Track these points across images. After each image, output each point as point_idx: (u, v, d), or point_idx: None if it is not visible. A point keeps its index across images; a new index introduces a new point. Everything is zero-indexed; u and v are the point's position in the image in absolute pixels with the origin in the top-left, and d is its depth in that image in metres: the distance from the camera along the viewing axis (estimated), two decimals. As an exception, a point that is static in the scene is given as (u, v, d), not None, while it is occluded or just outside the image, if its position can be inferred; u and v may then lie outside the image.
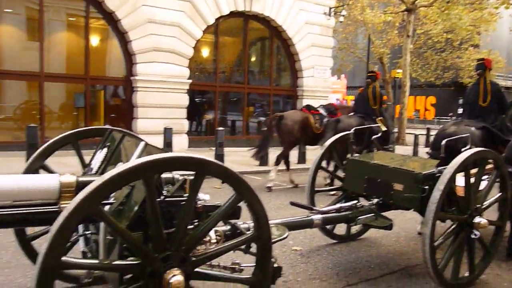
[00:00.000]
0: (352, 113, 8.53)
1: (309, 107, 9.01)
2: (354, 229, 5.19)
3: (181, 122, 13.09)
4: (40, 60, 11.71)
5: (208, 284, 3.46)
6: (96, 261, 2.23)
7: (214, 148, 9.94)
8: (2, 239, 4.47)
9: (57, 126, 12.82)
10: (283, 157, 8.59)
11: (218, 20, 13.97)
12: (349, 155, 4.88)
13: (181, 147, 12.36)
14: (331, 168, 6.98)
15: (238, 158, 10.87)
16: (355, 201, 4.33)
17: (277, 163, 8.51)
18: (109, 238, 2.48)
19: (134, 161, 2.06)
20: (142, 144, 2.72)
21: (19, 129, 12.28)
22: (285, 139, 8.52)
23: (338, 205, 4.20)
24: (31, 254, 3.41)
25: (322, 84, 16.61)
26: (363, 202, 4.45)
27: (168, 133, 9.70)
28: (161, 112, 12.57)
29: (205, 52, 15.07)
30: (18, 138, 11.90)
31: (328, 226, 4.86)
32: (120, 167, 2.04)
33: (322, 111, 8.86)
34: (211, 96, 15.42)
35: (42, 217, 2.64)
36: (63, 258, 1.99)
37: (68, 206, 1.97)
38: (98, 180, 2.00)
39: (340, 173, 5.00)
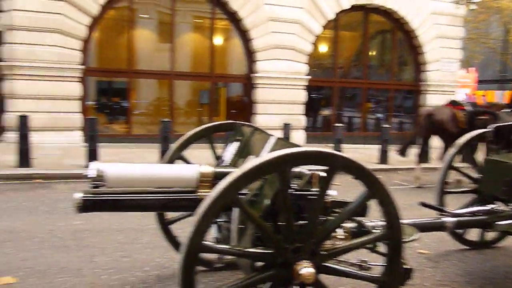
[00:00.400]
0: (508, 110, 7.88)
1: (454, 103, 8.55)
2: (489, 235, 4.75)
3: (299, 118, 13.22)
4: (171, 60, 12.73)
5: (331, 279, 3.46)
6: (233, 247, 2.36)
7: (331, 145, 9.87)
8: (142, 222, 4.96)
9: (183, 121, 13.82)
10: (423, 152, 8.31)
11: (338, 14, 13.79)
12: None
13: (298, 142, 12.48)
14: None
15: (355, 155, 10.63)
16: (492, 205, 3.96)
17: (423, 160, 8.27)
18: (240, 226, 2.62)
19: (271, 154, 2.14)
20: (273, 138, 2.81)
21: (151, 124, 13.54)
22: (439, 135, 8.17)
23: (474, 208, 3.88)
24: (169, 237, 3.73)
25: (449, 78, 15.45)
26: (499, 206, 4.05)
27: (286, 128, 9.87)
28: (279, 108, 12.84)
29: (324, 47, 14.99)
30: (151, 132, 13.11)
31: (458, 231, 4.52)
32: (258, 160, 2.13)
33: (468, 107, 8.32)
34: (328, 92, 15.30)
35: (182, 203, 2.87)
36: (205, 242, 2.16)
37: (211, 194, 2.11)
38: (237, 171, 2.12)
39: (474, 174, 4.61)
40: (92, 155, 8.12)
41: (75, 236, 4.55)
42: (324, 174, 2.74)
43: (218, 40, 13.69)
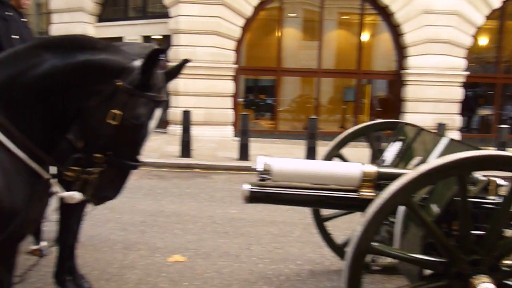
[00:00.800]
0: None
1: None
2: None
3: (453, 118, 12.17)
4: (318, 58, 12.81)
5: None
6: (403, 252, 2.26)
7: (492, 148, 8.88)
8: (292, 216, 5.09)
9: (326, 118, 13.78)
10: None
11: (505, 3, 12.28)
12: None
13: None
14: None
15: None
16: None
17: None
18: (404, 230, 2.50)
19: (451, 156, 1.99)
20: (445, 139, 2.62)
21: (295, 120, 13.82)
22: None
23: None
24: (324, 233, 3.75)
25: None
26: None
27: (440, 129, 9.18)
28: (431, 107, 11.98)
29: (485, 40, 13.50)
30: (295, 128, 13.40)
31: None
32: (436, 162, 2.01)
33: None
34: (488, 89, 13.78)
35: (343, 202, 2.86)
36: (373, 244, 2.11)
37: (383, 194, 2.05)
38: (413, 172, 2.02)
39: None
40: (244, 149, 8.61)
41: (232, 224, 4.86)
42: (503, 181, 2.49)
43: (365, 36, 13.32)
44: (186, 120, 8.81)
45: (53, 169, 1.94)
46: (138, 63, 1.77)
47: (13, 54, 1.84)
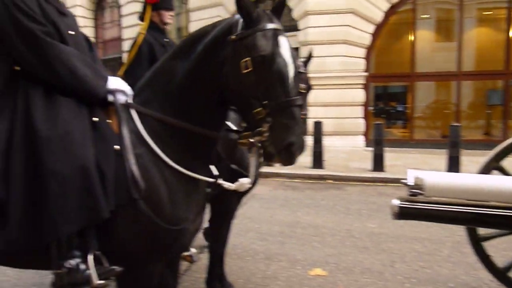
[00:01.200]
0: None
1: None
2: None
3: None
4: (457, 59, 11.85)
5: None
6: None
7: None
8: (438, 233, 4.72)
9: (467, 124, 12.57)
10: None
11: None
12: None
13: None
14: None
15: None
16: None
17: None
18: None
19: None
20: None
21: (430, 128, 12.90)
22: None
23: None
24: (481, 254, 3.36)
25: None
26: None
27: None
28: None
29: None
30: (432, 136, 12.51)
31: None
32: None
33: None
34: None
35: (508, 221, 2.55)
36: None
37: None
38: None
39: None
40: (378, 160, 8.28)
41: (372, 239, 4.67)
42: None
43: (513, 31, 11.94)
44: (318, 131, 8.80)
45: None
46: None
47: (156, 72, 2.01)
